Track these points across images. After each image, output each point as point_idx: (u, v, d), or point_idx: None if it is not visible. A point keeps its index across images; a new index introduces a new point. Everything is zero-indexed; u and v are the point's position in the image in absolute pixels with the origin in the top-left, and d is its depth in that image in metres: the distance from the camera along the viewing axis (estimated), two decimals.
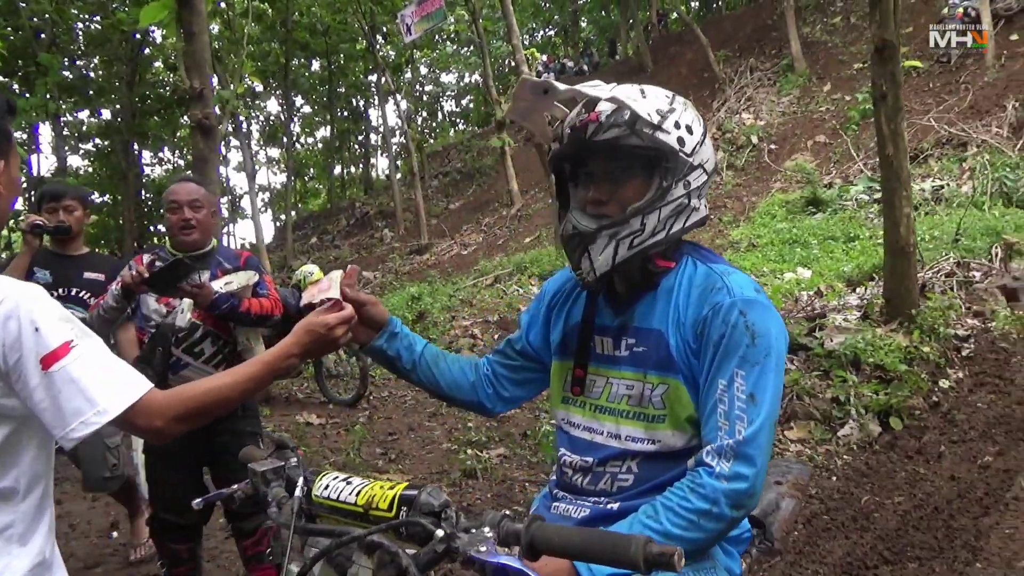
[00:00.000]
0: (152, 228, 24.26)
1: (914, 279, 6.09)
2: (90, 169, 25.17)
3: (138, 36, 19.02)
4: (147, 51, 21.15)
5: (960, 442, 4.51)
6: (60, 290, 3.35)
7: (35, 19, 17.15)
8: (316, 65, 30.26)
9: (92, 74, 21.45)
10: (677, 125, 1.36)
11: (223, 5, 20.56)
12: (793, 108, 18.13)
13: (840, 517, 3.80)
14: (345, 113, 33.98)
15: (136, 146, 23.53)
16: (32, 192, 16.67)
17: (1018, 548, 3.30)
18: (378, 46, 22.75)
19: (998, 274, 7.47)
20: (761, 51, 21.49)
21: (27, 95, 16.02)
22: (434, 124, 40.73)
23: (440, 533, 1.03)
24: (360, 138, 36.33)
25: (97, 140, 23.67)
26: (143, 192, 24.88)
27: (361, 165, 37.74)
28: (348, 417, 6.62)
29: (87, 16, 19.32)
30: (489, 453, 5.20)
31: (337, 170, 36.09)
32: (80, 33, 20.31)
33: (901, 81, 6.06)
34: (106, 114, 22.85)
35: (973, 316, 6.27)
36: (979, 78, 15.05)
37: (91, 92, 20.42)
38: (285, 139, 29.08)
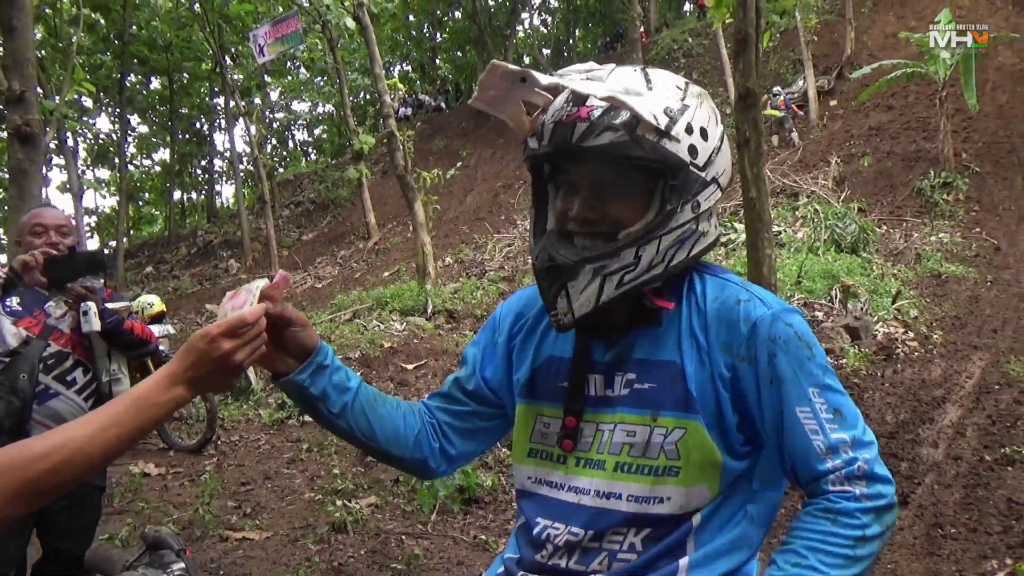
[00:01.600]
0: None
1: None
2: None
3: None
4: None
5: None
6: None
7: None
8: (156, 83, 28.38)
9: None
10: (689, 129, 1.08)
11: (48, 11, 18.80)
12: None
13: None
14: (187, 135, 32.01)
15: None
16: None
17: None
18: (227, 67, 21.58)
19: (839, 314, 8.03)
20: None
21: None
22: (284, 152, 39.32)
23: None
24: (203, 162, 34.31)
25: None
26: None
27: (204, 191, 35.57)
28: (193, 465, 5.90)
29: None
30: (359, 503, 4.75)
31: (177, 195, 33.79)
32: None
33: (763, 127, 6.37)
34: None
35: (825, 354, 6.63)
36: (806, 135, 16.56)
37: None
38: (117, 159, 26.81)
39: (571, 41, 36.95)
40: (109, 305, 2.74)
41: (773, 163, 15.36)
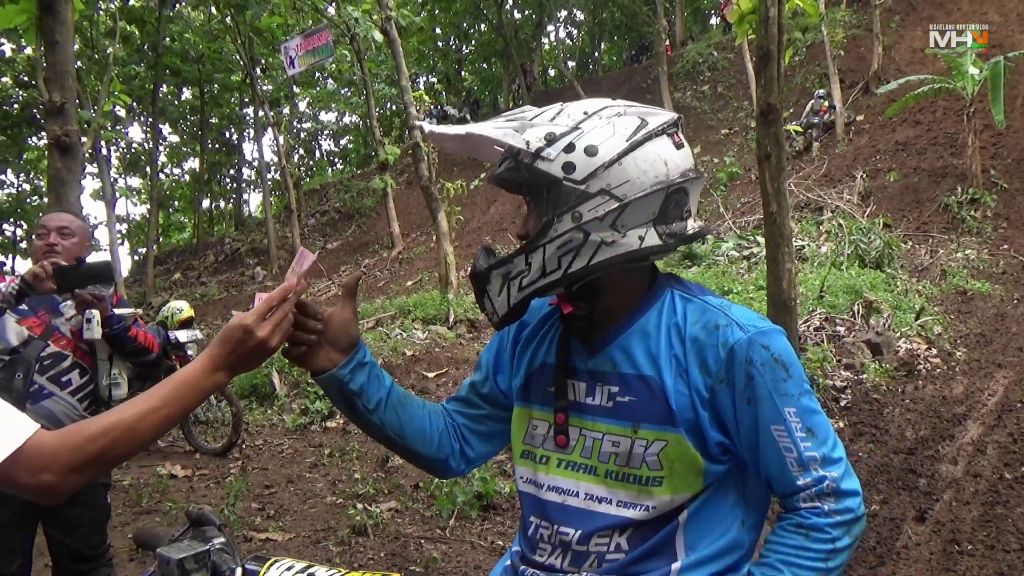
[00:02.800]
0: None
1: (795, 332, 6.35)
2: None
3: None
4: None
5: None
6: None
7: None
8: (187, 93, 28.91)
9: None
10: (570, 148, 1.15)
11: (85, 23, 19.28)
12: None
13: None
14: (216, 145, 32.55)
15: None
16: None
17: None
18: (257, 78, 21.97)
19: (860, 329, 7.99)
20: None
21: None
22: (311, 162, 39.79)
23: None
24: (232, 172, 34.85)
25: None
26: None
27: (232, 200, 36.11)
28: (218, 468, 6.04)
29: None
30: (379, 507, 4.84)
31: (205, 204, 34.33)
32: None
33: (784, 142, 6.40)
34: None
35: (845, 368, 6.62)
36: (831, 149, 16.48)
37: None
38: (149, 168, 27.34)
39: (596, 54, 37.08)
40: (116, 311, 2.81)
41: (798, 177, 15.30)
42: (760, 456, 1.17)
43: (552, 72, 34.49)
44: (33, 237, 2.81)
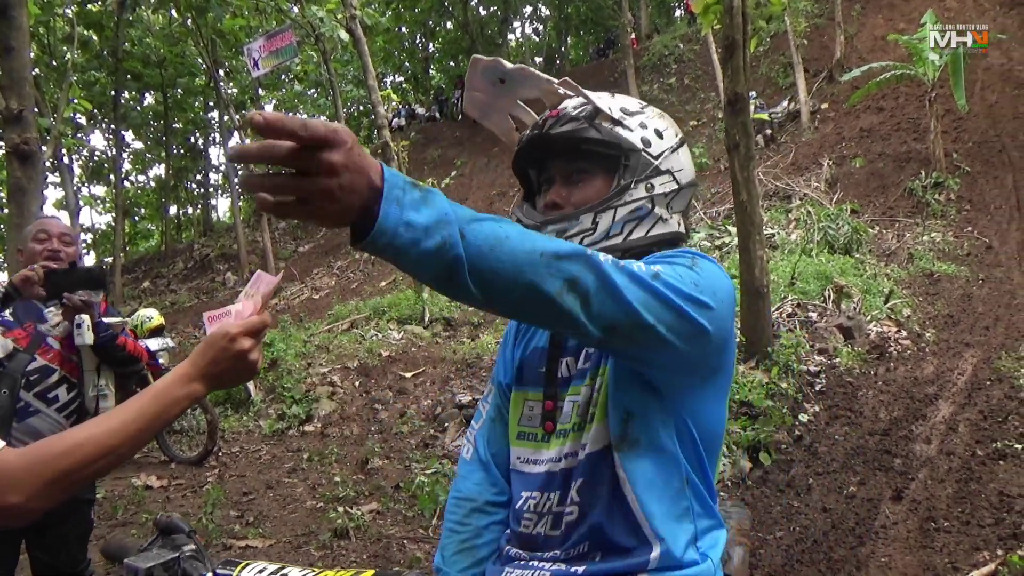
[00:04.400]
0: None
1: (768, 318, 6.42)
2: None
3: None
4: None
5: (824, 474, 4.70)
6: None
7: None
8: (150, 98, 28.44)
9: None
10: (643, 126, 1.25)
11: (42, 29, 18.87)
12: None
13: None
14: (182, 150, 32.04)
15: None
16: None
17: None
18: (220, 81, 21.66)
19: (832, 314, 8.09)
20: None
21: None
22: None
23: None
24: (199, 177, 34.33)
25: None
26: None
27: (200, 205, 35.57)
28: (195, 477, 5.94)
29: None
30: (360, 509, 4.80)
31: (173, 210, 33.77)
32: None
33: (752, 131, 6.45)
34: None
35: (818, 353, 6.70)
36: (798, 138, 16.67)
37: None
38: (112, 176, 26.83)
39: (563, 49, 37.11)
40: (105, 319, 2.73)
41: (766, 166, 15.45)
42: None
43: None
44: (24, 243, 2.70)
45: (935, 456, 4.76)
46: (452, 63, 34.44)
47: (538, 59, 35.20)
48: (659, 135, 1.26)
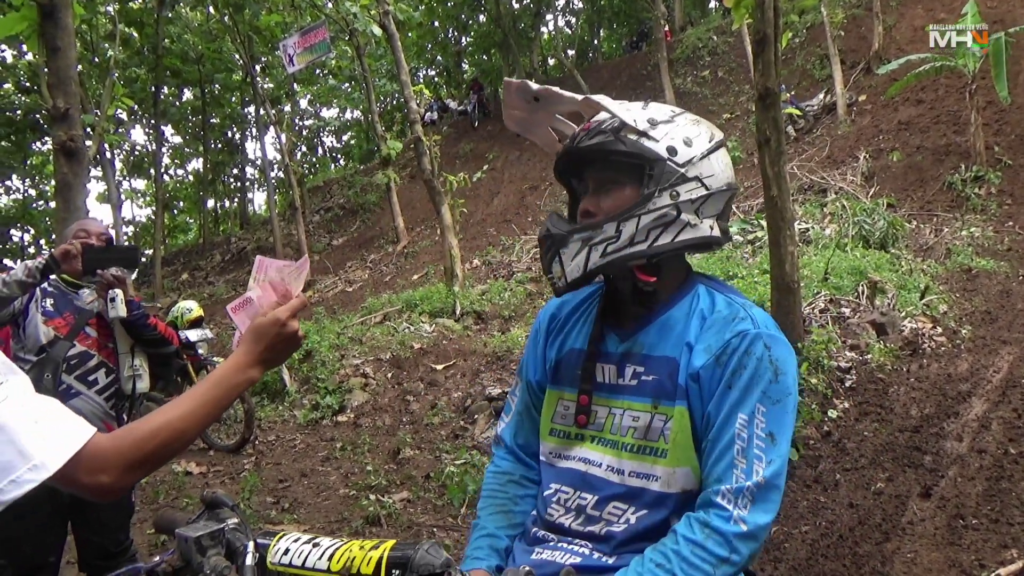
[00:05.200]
0: None
1: (799, 314, 6.39)
2: None
3: None
4: None
5: (852, 470, 4.70)
6: None
7: None
8: (188, 94, 28.97)
9: None
10: (670, 135, 1.30)
11: (85, 27, 19.36)
12: None
13: None
14: (219, 145, 32.62)
15: None
16: None
17: (921, 572, 3.42)
18: (257, 77, 22.01)
19: (865, 310, 8.01)
20: (636, 99, 22.21)
21: None
22: (314, 159, 39.85)
23: None
24: (236, 171, 34.92)
25: None
26: None
27: (237, 199, 36.20)
28: (232, 464, 6.14)
29: None
30: (391, 498, 4.92)
31: (210, 204, 34.42)
32: None
33: (783, 126, 6.42)
34: None
35: (850, 349, 6.65)
36: (833, 131, 16.43)
37: None
38: (152, 170, 27.44)
39: (596, 42, 36.94)
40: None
41: (800, 160, 15.28)
42: (712, 432, 1.22)
43: (552, 61, 34.37)
44: (70, 240, 2.82)
45: (966, 453, 4.73)
46: (485, 56, 34.50)
47: (570, 52, 35.11)
48: (687, 143, 1.30)
